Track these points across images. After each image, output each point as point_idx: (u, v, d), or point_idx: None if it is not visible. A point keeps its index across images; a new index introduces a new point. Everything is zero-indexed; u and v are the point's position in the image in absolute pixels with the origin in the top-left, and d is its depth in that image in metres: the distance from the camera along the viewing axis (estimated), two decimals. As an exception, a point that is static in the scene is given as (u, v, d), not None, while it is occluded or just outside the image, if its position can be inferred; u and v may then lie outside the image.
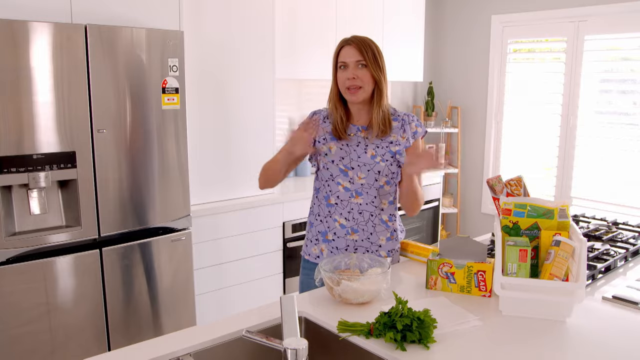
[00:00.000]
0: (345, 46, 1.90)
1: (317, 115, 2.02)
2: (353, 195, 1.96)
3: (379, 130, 1.93)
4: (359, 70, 1.88)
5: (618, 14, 3.77)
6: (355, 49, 1.88)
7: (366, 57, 1.87)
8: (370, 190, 1.96)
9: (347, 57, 1.89)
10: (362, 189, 1.96)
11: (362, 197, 1.96)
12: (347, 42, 1.91)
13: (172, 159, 2.69)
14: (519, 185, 2.01)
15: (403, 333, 1.37)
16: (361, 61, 1.88)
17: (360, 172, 1.95)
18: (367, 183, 1.95)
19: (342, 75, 1.91)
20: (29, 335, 2.33)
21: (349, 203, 1.97)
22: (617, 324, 1.54)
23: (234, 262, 3.22)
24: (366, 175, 1.95)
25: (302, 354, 1.13)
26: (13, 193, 2.28)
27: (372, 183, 1.95)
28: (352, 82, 1.89)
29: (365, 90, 1.90)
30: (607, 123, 3.92)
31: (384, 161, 1.94)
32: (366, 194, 1.96)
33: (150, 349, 1.38)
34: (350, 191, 1.96)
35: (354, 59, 1.88)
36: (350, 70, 1.89)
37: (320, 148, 1.99)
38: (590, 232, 2.33)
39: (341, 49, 1.92)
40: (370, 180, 1.95)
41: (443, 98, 4.92)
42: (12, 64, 2.18)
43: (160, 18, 2.71)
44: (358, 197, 1.96)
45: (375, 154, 1.94)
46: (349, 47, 1.89)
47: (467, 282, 1.72)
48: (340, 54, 1.92)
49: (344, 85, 1.91)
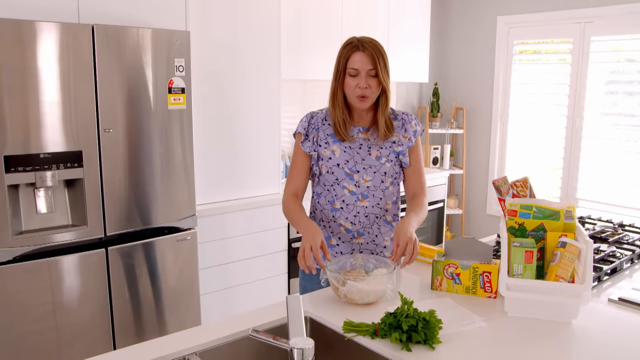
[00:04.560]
0: (357, 52, 1.82)
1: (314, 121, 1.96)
2: (359, 198, 1.93)
3: (384, 133, 1.91)
4: (370, 80, 1.82)
5: (624, 15, 3.76)
6: (369, 57, 1.81)
7: (378, 67, 1.81)
8: (377, 192, 1.94)
9: (359, 64, 1.81)
10: (369, 191, 1.93)
11: (368, 200, 1.94)
12: (359, 48, 1.82)
13: (177, 159, 2.70)
14: (524, 187, 2.01)
15: (408, 333, 1.38)
16: (373, 70, 1.81)
17: (367, 175, 1.92)
18: (373, 185, 1.93)
19: (352, 82, 1.83)
20: (35, 333, 2.34)
21: (354, 207, 1.94)
22: (623, 326, 1.54)
23: (239, 262, 3.22)
24: (372, 178, 1.92)
25: (309, 353, 1.14)
26: (20, 192, 2.30)
27: (378, 185, 1.93)
28: (364, 91, 1.83)
29: (373, 98, 1.86)
30: (613, 124, 3.91)
31: (389, 162, 1.93)
32: (372, 196, 1.94)
33: (156, 347, 1.39)
34: (356, 194, 1.93)
35: (366, 68, 1.81)
36: (362, 79, 1.82)
37: (322, 152, 1.94)
38: (596, 233, 2.32)
39: (352, 54, 1.83)
40: (376, 182, 1.93)
41: (448, 99, 4.91)
42: (19, 63, 2.19)
43: (167, 18, 2.72)
44: (364, 200, 1.94)
45: (380, 155, 1.92)
46: (362, 54, 1.81)
47: (473, 283, 1.72)
48: (352, 60, 1.83)
49: (353, 93, 1.84)
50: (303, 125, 1.97)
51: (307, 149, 1.95)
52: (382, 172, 1.93)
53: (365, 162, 1.92)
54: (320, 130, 1.94)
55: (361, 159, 1.92)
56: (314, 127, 1.96)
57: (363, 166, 1.92)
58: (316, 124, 1.96)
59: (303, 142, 1.95)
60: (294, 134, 2.02)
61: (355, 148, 1.92)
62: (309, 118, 1.98)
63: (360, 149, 1.92)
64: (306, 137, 1.96)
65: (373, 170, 1.92)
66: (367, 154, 1.92)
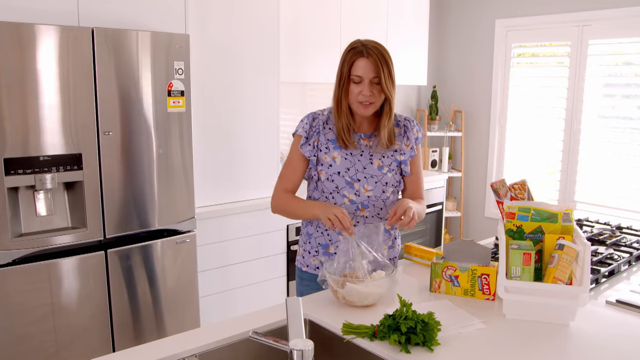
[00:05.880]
0: (361, 58, 1.77)
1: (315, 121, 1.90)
2: (359, 207, 1.88)
3: (385, 144, 1.87)
4: (374, 87, 1.78)
5: (622, 19, 3.77)
6: (372, 64, 1.76)
7: (382, 74, 1.76)
8: (377, 202, 1.89)
9: (363, 71, 1.77)
10: (369, 201, 1.88)
11: (369, 210, 1.89)
12: (363, 54, 1.77)
13: (177, 162, 2.70)
14: (522, 189, 2.02)
15: (407, 335, 1.38)
16: (376, 78, 1.77)
17: (367, 184, 1.86)
18: (374, 195, 1.88)
19: (355, 89, 1.79)
20: (34, 335, 2.34)
21: (354, 216, 1.88)
22: (621, 328, 1.54)
23: (237, 265, 3.23)
24: (373, 188, 1.87)
25: (309, 355, 1.14)
26: (20, 194, 2.30)
27: (380, 195, 1.89)
28: (367, 98, 1.79)
29: (376, 105, 1.82)
30: (611, 127, 3.93)
31: (390, 171, 1.89)
32: (372, 206, 1.89)
33: (155, 349, 1.39)
34: (356, 204, 1.87)
35: (370, 75, 1.77)
36: (366, 87, 1.77)
37: (323, 158, 1.88)
38: (594, 236, 2.33)
39: (356, 59, 1.78)
40: (377, 192, 1.88)
41: (447, 102, 4.93)
42: (19, 66, 2.19)
43: (166, 21, 2.73)
44: (364, 210, 1.88)
45: (382, 165, 1.88)
46: (366, 61, 1.76)
47: (471, 286, 1.73)
48: (356, 66, 1.78)
49: (356, 99, 1.80)
50: (304, 128, 1.90)
51: (306, 153, 1.89)
52: (384, 183, 1.89)
53: (366, 171, 1.87)
54: (321, 135, 1.88)
55: (362, 167, 1.87)
56: (315, 131, 1.89)
57: (364, 175, 1.87)
58: (317, 127, 1.89)
59: (303, 146, 1.89)
60: (293, 134, 1.95)
61: (356, 155, 1.87)
62: (311, 120, 1.91)
63: (362, 156, 1.87)
64: (306, 140, 1.89)
65: (375, 181, 1.87)
66: (368, 162, 1.87)
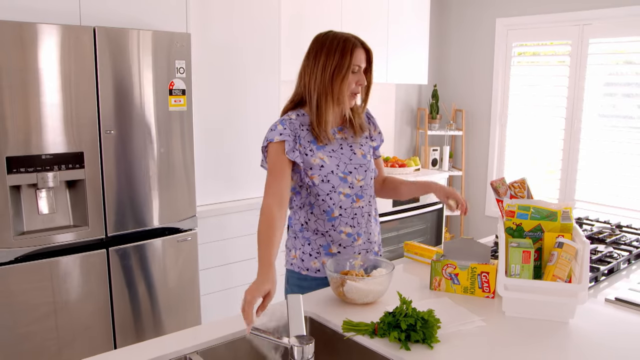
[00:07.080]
0: (360, 48, 1.77)
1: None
2: (354, 199, 1.86)
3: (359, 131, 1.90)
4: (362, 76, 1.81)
5: (622, 18, 3.78)
6: (365, 54, 1.79)
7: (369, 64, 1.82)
8: (368, 189, 1.91)
9: (361, 61, 1.77)
10: (362, 191, 1.88)
11: (362, 199, 1.89)
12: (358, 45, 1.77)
13: (178, 160, 2.71)
14: (522, 188, 2.02)
15: (407, 333, 1.39)
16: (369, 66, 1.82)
17: (358, 174, 1.86)
18: (365, 184, 1.89)
19: (353, 79, 1.77)
20: (36, 333, 2.35)
21: (352, 209, 1.86)
22: (620, 326, 1.55)
23: (239, 263, 3.23)
24: (364, 176, 1.87)
25: (309, 351, 1.15)
26: (22, 193, 2.31)
27: (369, 182, 1.91)
28: (359, 88, 1.80)
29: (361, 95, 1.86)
30: (611, 126, 3.93)
31: (371, 157, 1.94)
32: (365, 195, 1.90)
33: (157, 347, 1.40)
34: (351, 197, 1.85)
35: (364, 65, 1.80)
36: (362, 76, 1.79)
37: (312, 161, 1.80)
38: (593, 234, 2.33)
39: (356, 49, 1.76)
40: (367, 180, 1.89)
41: (447, 101, 4.93)
42: (21, 65, 2.20)
43: (168, 20, 2.74)
44: (359, 201, 1.88)
45: (365, 153, 1.90)
46: (361, 50, 1.77)
47: (471, 283, 1.74)
48: (355, 57, 1.76)
49: (350, 89, 1.77)
50: (285, 133, 1.76)
51: (297, 159, 1.77)
52: (371, 169, 1.91)
53: (353, 162, 1.86)
54: (302, 138, 1.80)
55: (348, 159, 1.85)
56: (296, 135, 1.79)
57: (354, 166, 1.85)
58: (295, 131, 1.79)
59: (290, 152, 1.75)
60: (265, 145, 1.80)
61: (337, 150, 1.84)
62: (288, 125, 1.78)
63: (342, 149, 1.85)
64: (293, 145, 1.77)
65: (364, 169, 1.88)
66: (352, 153, 1.86)
